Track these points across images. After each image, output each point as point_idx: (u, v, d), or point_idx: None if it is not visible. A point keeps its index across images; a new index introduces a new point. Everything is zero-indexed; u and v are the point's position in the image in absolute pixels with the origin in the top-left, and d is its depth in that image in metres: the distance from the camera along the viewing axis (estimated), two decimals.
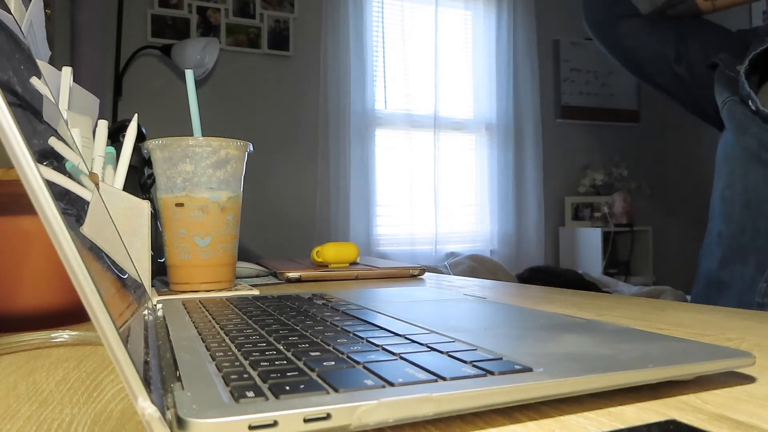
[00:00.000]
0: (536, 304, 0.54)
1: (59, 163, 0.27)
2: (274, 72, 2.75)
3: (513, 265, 2.99)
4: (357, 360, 0.25)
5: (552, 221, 3.33)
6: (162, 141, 0.58)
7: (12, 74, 0.23)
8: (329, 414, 0.19)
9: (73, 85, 0.62)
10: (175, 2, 2.58)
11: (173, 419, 0.19)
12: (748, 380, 0.28)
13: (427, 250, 2.95)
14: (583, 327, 0.34)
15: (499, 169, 3.13)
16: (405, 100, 2.97)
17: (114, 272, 0.30)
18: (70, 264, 0.17)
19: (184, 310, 0.42)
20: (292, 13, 2.78)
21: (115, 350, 0.17)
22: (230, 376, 0.23)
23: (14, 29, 0.31)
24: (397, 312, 0.40)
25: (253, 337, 0.31)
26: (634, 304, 0.54)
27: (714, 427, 0.22)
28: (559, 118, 3.36)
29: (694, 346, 0.28)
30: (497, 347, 0.28)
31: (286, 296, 0.50)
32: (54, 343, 0.38)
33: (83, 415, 0.24)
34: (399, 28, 2.99)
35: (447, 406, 0.21)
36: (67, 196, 0.24)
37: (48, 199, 0.17)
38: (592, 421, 0.22)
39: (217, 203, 0.59)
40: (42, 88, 0.31)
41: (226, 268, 0.60)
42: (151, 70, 2.56)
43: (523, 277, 2.64)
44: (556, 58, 3.37)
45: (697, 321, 0.45)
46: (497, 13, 3.14)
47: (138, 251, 0.54)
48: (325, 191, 2.78)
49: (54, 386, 0.29)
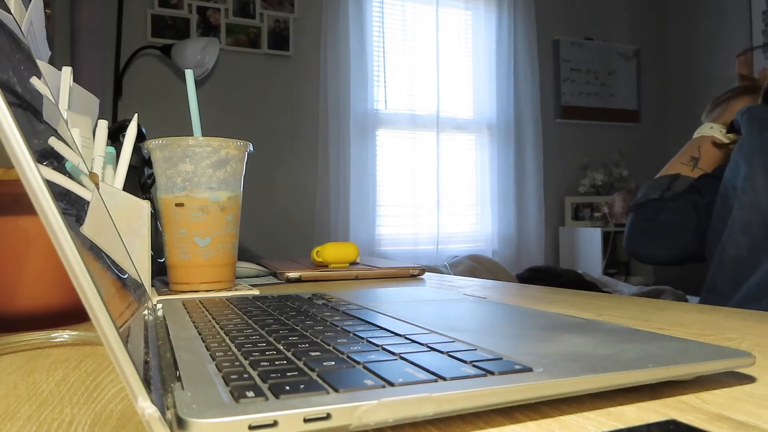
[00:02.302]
0: (536, 304, 0.54)
1: (59, 163, 0.27)
2: (274, 72, 2.75)
3: (513, 265, 2.99)
4: (357, 360, 0.25)
5: (552, 221, 3.33)
6: (162, 141, 0.58)
7: (12, 74, 0.23)
8: (329, 414, 0.19)
9: (73, 84, 0.62)
10: (175, 2, 2.58)
11: (173, 419, 0.19)
12: (748, 380, 0.28)
13: (428, 250, 2.95)
14: (583, 327, 0.34)
15: (500, 169, 3.13)
16: (405, 100, 2.97)
17: (114, 272, 0.30)
18: (70, 264, 0.17)
19: (184, 310, 0.42)
20: (292, 13, 2.78)
21: (115, 350, 0.17)
22: (230, 376, 0.23)
23: (14, 29, 0.31)
24: (397, 312, 0.40)
25: (253, 337, 0.31)
26: (633, 304, 0.54)
27: (714, 427, 0.22)
28: (559, 118, 3.36)
29: (694, 346, 0.28)
30: (497, 347, 0.28)
31: (286, 296, 0.50)
32: (54, 343, 0.38)
33: (83, 415, 0.24)
34: (399, 28, 2.99)
35: (447, 406, 0.21)
36: (67, 196, 0.24)
37: (48, 199, 0.17)
38: (592, 421, 0.22)
39: (217, 203, 0.59)
40: (42, 88, 0.31)
41: (226, 268, 0.60)
42: (151, 70, 2.56)
43: (523, 277, 2.64)
44: (556, 57, 3.37)
45: (697, 321, 0.45)
46: (497, 13, 3.14)
47: (138, 251, 0.54)
48: (325, 191, 2.78)
49: (54, 386, 0.29)
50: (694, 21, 3.47)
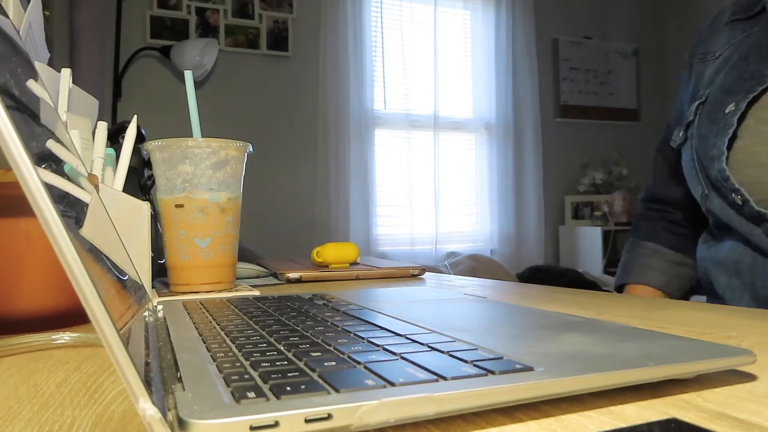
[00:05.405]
0: (537, 304, 0.54)
1: (58, 165, 0.27)
2: (273, 72, 2.75)
3: (513, 265, 2.99)
4: (358, 360, 0.25)
5: (552, 220, 3.33)
6: (161, 142, 0.58)
7: (9, 77, 0.23)
8: (330, 414, 0.19)
9: (73, 86, 0.62)
10: (173, 3, 2.58)
11: (174, 420, 0.19)
12: (748, 378, 0.28)
13: (427, 250, 2.95)
14: (583, 326, 0.34)
15: (499, 169, 3.13)
16: (404, 100, 2.97)
17: (114, 274, 0.30)
18: (70, 266, 0.17)
19: (185, 311, 0.42)
20: (291, 13, 2.77)
21: (115, 352, 0.17)
22: (231, 376, 0.23)
23: (11, 33, 0.31)
24: (397, 312, 0.40)
25: (254, 338, 0.31)
26: (634, 303, 0.54)
27: (715, 425, 0.22)
28: (559, 117, 3.36)
29: (695, 345, 0.28)
30: (498, 347, 0.28)
31: (286, 297, 0.50)
32: (55, 344, 0.38)
33: (84, 416, 0.24)
34: (398, 28, 2.99)
35: (448, 405, 0.21)
36: (66, 199, 0.24)
37: (47, 202, 0.17)
38: (593, 420, 0.22)
39: (217, 204, 0.59)
40: (39, 92, 0.31)
41: (226, 269, 0.60)
42: (151, 72, 2.56)
43: (524, 277, 2.64)
44: (555, 57, 3.37)
45: (698, 319, 0.45)
46: (496, 13, 3.14)
47: (138, 253, 0.54)
48: (324, 191, 2.78)
49: (55, 388, 0.29)
50: (693, 19, 3.47)
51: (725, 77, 0.73)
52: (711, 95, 0.73)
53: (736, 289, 0.71)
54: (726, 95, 0.70)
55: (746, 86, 0.67)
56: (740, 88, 0.68)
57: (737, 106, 0.67)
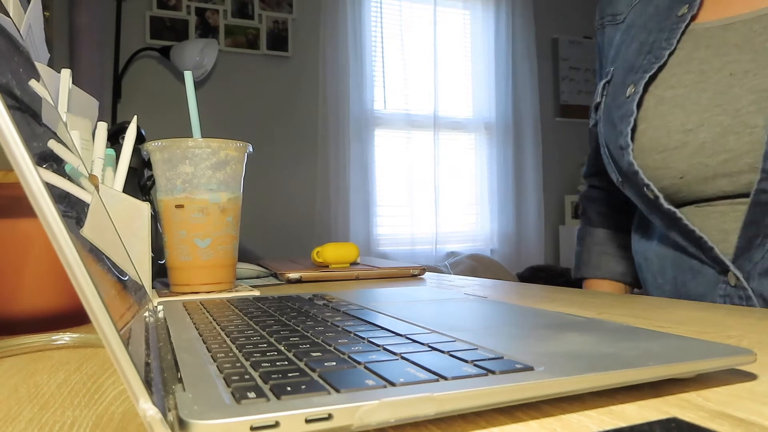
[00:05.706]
0: (537, 303, 0.54)
1: (59, 165, 0.27)
2: (273, 73, 2.75)
3: (513, 265, 2.99)
4: (358, 360, 0.25)
5: (552, 220, 3.33)
6: (161, 143, 0.58)
7: (11, 77, 0.23)
8: (331, 414, 0.19)
9: (72, 87, 0.62)
10: (173, 4, 2.58)
11: (175, 421, 0.19)
12: (749, 377, 0.28)
13: (427, 250, 2.95)
14: (583, 325, 0.34)
15: (499, 169, 3.13)
16: (404, 100, 2.97)
17: (114, 274, 0.30)
18: (71, 266, 0.17)
19: (185, 311, 0.42)
20: (290, 13, 2.78)
21: (116, 352, 0.17)
22: (231, 377, 0.23)
23: (13, 32, 0.31)
24: (397, 312, 0.40)
25: (254, 338, 0.31)
26: (634, 303, 0.54)
27: (715, 424, 0.22)
28: (559, 117, 3.36)
29: (695, 344, 0.28)
30: (498, 346, 0.28)
31: (286, 297, 0.50)
32: (55, 345, 0.38)
33: (85, 417, 0.24)
34: (397, 28, 2.99)
35: (448, 405, 0.21)
36: (67, 199, 0.24)
37: (48, 202, 0.17)
38: (594, 420, 0.22)
39: (217, 204, 0.59)
40: (41, 91, 0.31)
41: (226, 269, 0.60)
42: (150, 72, 2.56)
43: (524, 276, 2.64)
44: (555, 56, 3.37)
45: (698, 318, 0.45)
46: (496, 13, 3.14)
47: (138, 253, 0.54)
48: (324, 191, 2.79)
49: (55, 389, 0.29)
50: None
51: (627, 50, 0.69)
52: (615, 74, 0.70)
53: (663, 288, 0.69)
54: (627, 74, 0.67)
55: (644, 64, 0.64)
56: (639, 66, 0.65)
57: (636, 89, 0.63)
